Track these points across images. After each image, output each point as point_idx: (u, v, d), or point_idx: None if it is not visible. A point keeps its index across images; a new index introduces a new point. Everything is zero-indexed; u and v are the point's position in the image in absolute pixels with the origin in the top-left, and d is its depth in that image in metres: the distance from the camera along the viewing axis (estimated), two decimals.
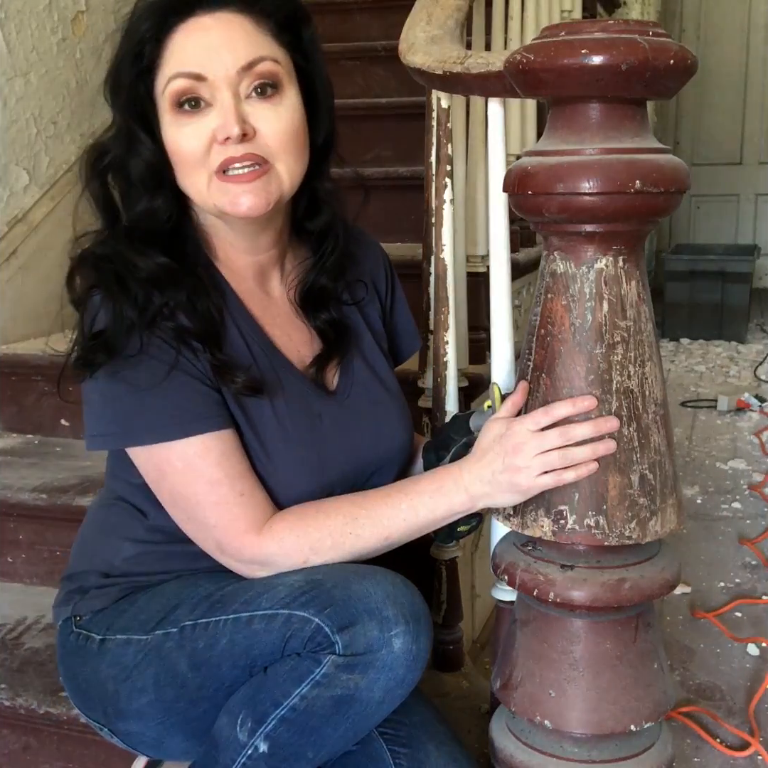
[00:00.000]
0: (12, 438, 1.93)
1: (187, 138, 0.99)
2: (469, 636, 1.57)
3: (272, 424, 1.03)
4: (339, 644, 0.90)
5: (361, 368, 1.14)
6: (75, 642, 1.09)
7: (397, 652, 0.91)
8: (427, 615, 0.95)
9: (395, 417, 1.15)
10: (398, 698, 0.94)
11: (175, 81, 0.97)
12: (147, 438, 0.98)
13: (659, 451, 0.91)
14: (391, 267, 1.25)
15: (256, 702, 0.95)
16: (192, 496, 0.99)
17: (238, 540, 0.99)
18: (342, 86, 2.72)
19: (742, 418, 3.21)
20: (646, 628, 0.95)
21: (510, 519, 0.96)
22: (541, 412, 0.92)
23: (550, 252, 0.91)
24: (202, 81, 0.97)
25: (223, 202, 0.99)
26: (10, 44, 2.03)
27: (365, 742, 1.06)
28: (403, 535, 1.00)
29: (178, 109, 0.99)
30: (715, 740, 1.42)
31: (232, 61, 0.97)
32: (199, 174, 0.99)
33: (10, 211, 2.05)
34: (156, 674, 1.01)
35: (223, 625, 0.97)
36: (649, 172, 0.82)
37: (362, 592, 0.93)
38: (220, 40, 0.97)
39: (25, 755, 1.36)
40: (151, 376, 0.96)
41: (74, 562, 1.15)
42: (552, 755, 0.96)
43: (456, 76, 1.12)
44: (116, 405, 0.98)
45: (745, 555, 2.11)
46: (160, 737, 1.05)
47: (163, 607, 1.03)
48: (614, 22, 0.82)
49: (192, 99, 0.98)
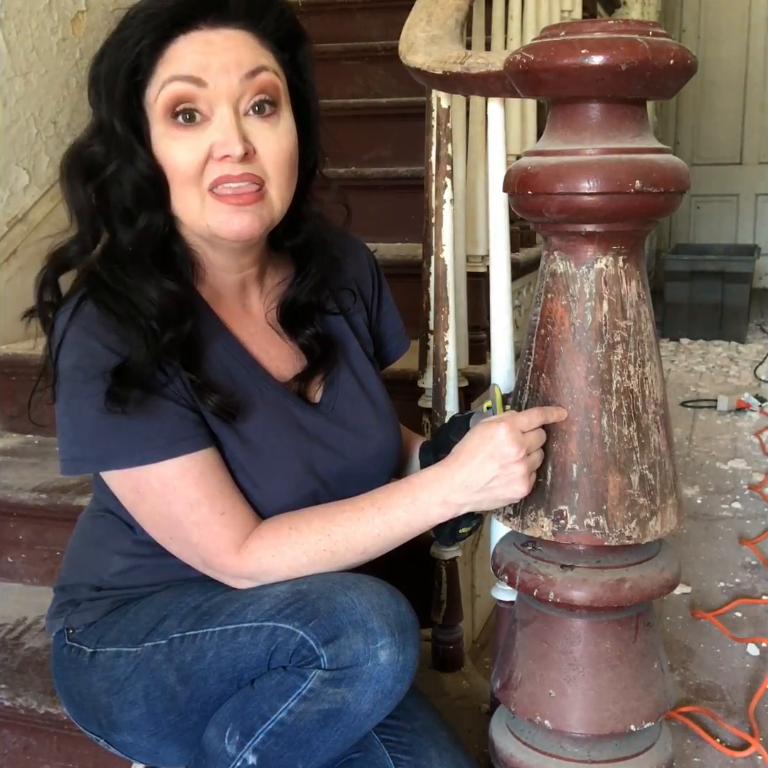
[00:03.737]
0: (12, 438, 1.93)
1: (182, 152, 0.94)
2: (469, 636, 1.57)
3: (255, 438, 1.01)
4: (324, 658, 0.90)
5: (347, 377, 1.12)
6: (67, 655, 1.08)
7: (383, 664, 0.90)
8: (414, 623, 0.94)
9: (380, 424, 1.12)
10: (387, 708, 0.93)
11: (171, 85, 0.93)
12: (124, 462, 0.95)
13: (659, 451, 0.91)
14: (378, 269, 1.22)
15: (244, 716, 0.95)
16: (172, 516, 0.98)
17: (220, 559, 0.98)
18: (342, 86, 2.73)
19: (742, 418, 3.21)
20: (646, 628, 0.95)
21: (510, 519, 0.96)
22: (536, 413, 0.91)
23: (550, 252, 0.91)
24: (202, 87, 0.92)
25: (217, 222, 0.95)
26: (10, 44, 2.03)
27: (367, 750, 1.06)
28: (380, 549, 0.99)
29: (172, 120, 0.94)
30: (715, 740, 1.42)
31: (236, 68, 0.93)
32: (192, 191, 0.95)
33: (10, 211, 2.05)
34: (146, 687, 1.01)
35: (209, 638, 0.97)
36: (649, 172, 0.82)
37: (347, 603, 0.92)
38: (222, 49, 0.93)
39: (25, 755, 1.36)
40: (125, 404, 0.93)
41: (65, 574, 1.14)
42: (552, 755, 0.96)
43: (456, 76, 1.12)
44: (89, 429, 0.95)
45: (745, 555, 2.11)
46: (154, 747, 1.05)
47: (153, 619, 1.03)
48: (614, 22, 0.82)
49: (188, 111, 0.93)
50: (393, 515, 0.97)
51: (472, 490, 0.94)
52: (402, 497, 0.97)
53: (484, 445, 0.93)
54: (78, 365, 0.95)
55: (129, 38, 0.94)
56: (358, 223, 1.18)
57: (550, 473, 0.91)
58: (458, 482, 0.95)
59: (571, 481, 0.90)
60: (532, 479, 0.92)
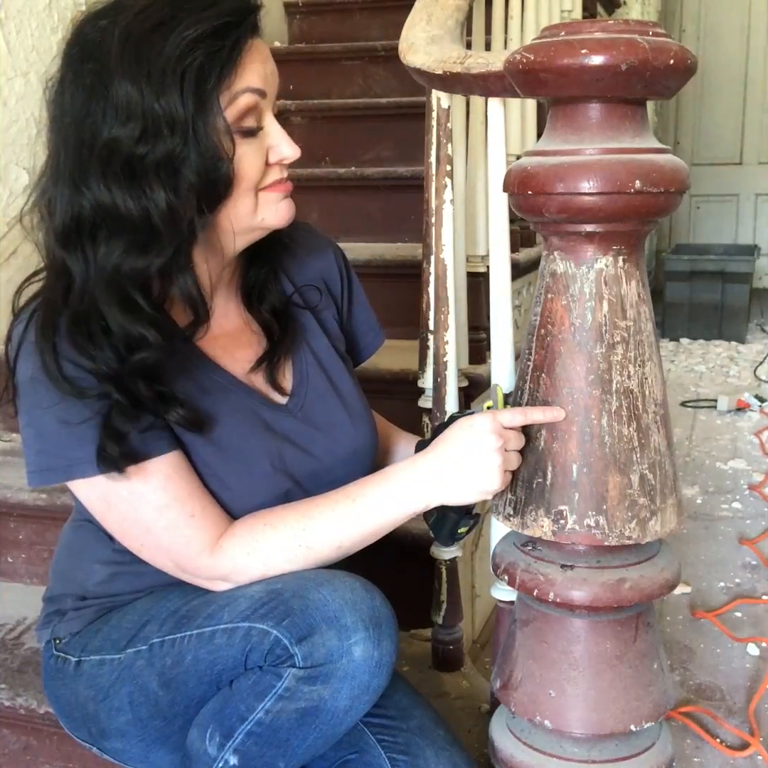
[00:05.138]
0: (12, 438, 1.93)
1: (250, 158, 0.97)
2: (469, 636, 1.57)
3: (223, 443, 1.01)
4: (298, 656, 0.89)
5: (316, 374, 1.12)
6: (54, 665, 1.09)
7: (358, 660, 0.90)
8: (389, 617, 0.94)
9: (353, 422, 1.12)
10: (366, 704, 0.93)
11: (245, 96, 0.94)
12: (89, 470, 0.94)
13: (659, 451, 0.91)
14: (347, 265, 1.23)
15: (223, 716, 0.95)
16: (141, 523, 0.97)
17: (193, 562, 0.98)
18: (342, 86, 2.73)
19: (742, 418, 3.21)
20: (646, 628, 0.95)
21: (510, 519, 0.96)
22: (519, 411, 0.91)
23: (550, 252, 0.91)
24: (263, 98, 0.97)
25: (270, 212, 1.01)
26: (10, 44, 2.03)
27: (363, 751, 1.06)
28: (356, 543, 0.99)
29: (238, 129, 0.95)
30: (715, 740, 1.42)
31: (276, 77, 0.99)
32: (251, 195, 0.98)
33: (10, 211, 2.05)
34: (130, 693, 1.01)
35: (188, 641, 0.97)
36: (649, 172, 0.82)
37: (320, 600, 0.91)
38: (268, 58, 0.98)
39: (25, 755, 1.36)
40: (83, 409, 0.93)
41: (52, 584, 1.14)
42: (552, 755, 0.96)
43: (456, 76, 1.12)
44: (54, 439, 0.95)
45: (745, 555, 2.11)
46: (144, 753, 1.05)
47: (134, 625, 1.03)
48: (614, 22, 0.82)
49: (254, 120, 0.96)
50: (368, 510, 0.97)
51: (446, 478, 0.94)
52: (375, 489, 0.97)
53: (464, 432, 0.94)
54: (35, 377, 0.94)
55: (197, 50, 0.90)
56: (359, 223, 1.18)
57: (550, 473, 0.91)
58: (432, 470, 0.95)
59: (571, 481, 0.90)
60: (507, 477, 0.93)
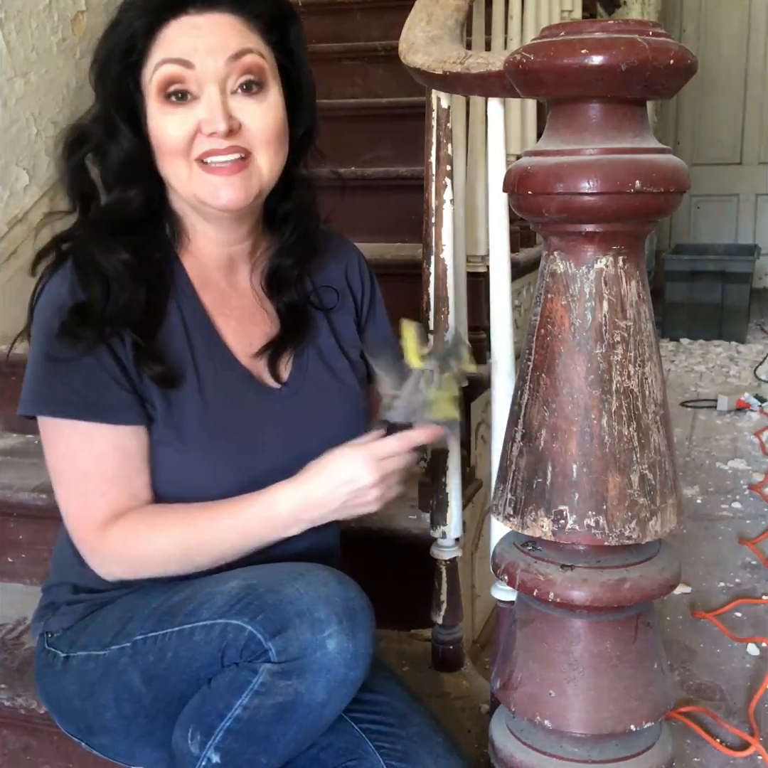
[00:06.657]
0: (12, 438, 1.93)
1: (173, 126, 1.00)
2: (469, 636, 1.57)
3: (195, 412, 1.03)
4: (272, 651, 0.90)
5: (316, 367, 1.13)
6: (45, 659, 1.10)
7: (332, 653, 0.90)
8: (364, 609, 0.94)
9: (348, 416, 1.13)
10: (345, 696, 0.93)
11: (163, 67, 0.99)
12: (45, 409, 1.01)
13: (659, 451, 0.91)
14: (372, 276, 1.24)
15: (202, 715, 0.95)
16: (63, 477, 1.02)
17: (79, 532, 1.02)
18: (342, 86, 2.73)
19: (742, 418, 3.21)
20: (646, 628, 0.95)
21: (510, 519, 0.96)
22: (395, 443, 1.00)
23: (550, 252, 0.91)
24: (190, 68, 0.98)
25: (204, 193, 1.01)
26: (10, 44, 2.03)
27: (362, 758, 1.05)
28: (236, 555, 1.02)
29: (165, 99, 1.00)
30: (715, 740, 1.42)
31: (221, 50, 0.99)
32: (181, 162, 1.01)
33: (10, 211, 2.05)
34: (115, 690, 1.02)
35: (169, 638, 0.98)
36: (649, 172, 0.82)
37: (293, 594, 0.92)
38: (209, 33, 0.99)
39: (25, 755, 1.36)
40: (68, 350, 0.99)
41: (51, 574, 1.16)
42: (552, 755, 0.96)
43: (456, 76, 1.12)
44: (36, 372, 1.02)
45: (745, 555, 2.11)
46: (130, 749, 1.06)
47: (119, 621, 1.04)
48: (614, 22, 0.82)
49: (179, 91, 0.99)
50: (249, 528, 1.01)
51: (326, 509, 1.01)
52: (259, 511, 1.01)
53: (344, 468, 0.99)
54: (40, 309, 1.03)
55: (123, 22, 1.01)
56: (359, 223, 1.18)
57: (550, 473, 0.91)
58: (313, 502, 1.00)
59: (571, 481, 0.90)
60: (386, 497, 1.01)
